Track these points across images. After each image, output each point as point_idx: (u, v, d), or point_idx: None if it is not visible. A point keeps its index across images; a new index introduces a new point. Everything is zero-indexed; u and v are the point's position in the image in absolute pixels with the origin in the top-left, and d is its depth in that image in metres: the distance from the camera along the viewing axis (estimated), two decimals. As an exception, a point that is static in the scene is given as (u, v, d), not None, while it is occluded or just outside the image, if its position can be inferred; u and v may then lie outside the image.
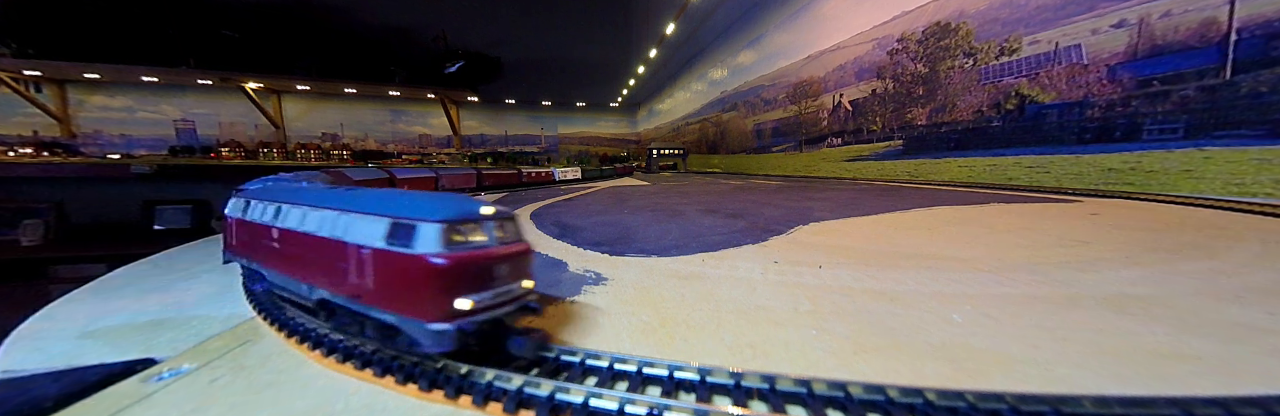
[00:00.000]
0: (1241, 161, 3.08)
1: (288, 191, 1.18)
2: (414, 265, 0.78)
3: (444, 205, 0.83)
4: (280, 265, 1.08)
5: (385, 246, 0.81)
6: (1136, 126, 3.64)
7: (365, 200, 0.92)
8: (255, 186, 1.47)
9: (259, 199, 1.22)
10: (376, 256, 0.83)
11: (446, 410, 0.79)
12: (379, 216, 0.85)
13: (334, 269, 0.91)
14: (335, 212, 0.93)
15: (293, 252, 1.03)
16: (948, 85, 5.39)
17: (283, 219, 1.07)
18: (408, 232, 0.79)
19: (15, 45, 10.03)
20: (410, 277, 0.79)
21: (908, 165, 5.97)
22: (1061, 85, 4.19)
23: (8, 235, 7.98)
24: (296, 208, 1.05)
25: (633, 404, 0.72)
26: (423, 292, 0.78)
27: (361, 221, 0.87)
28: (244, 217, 1.24)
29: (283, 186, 1.33)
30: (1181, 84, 3.38)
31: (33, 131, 11.64)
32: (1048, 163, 4.29)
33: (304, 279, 1.00)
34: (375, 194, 0.97)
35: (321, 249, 0.94)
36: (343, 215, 0.92)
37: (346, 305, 0.90)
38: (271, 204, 1.14)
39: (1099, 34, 3.90)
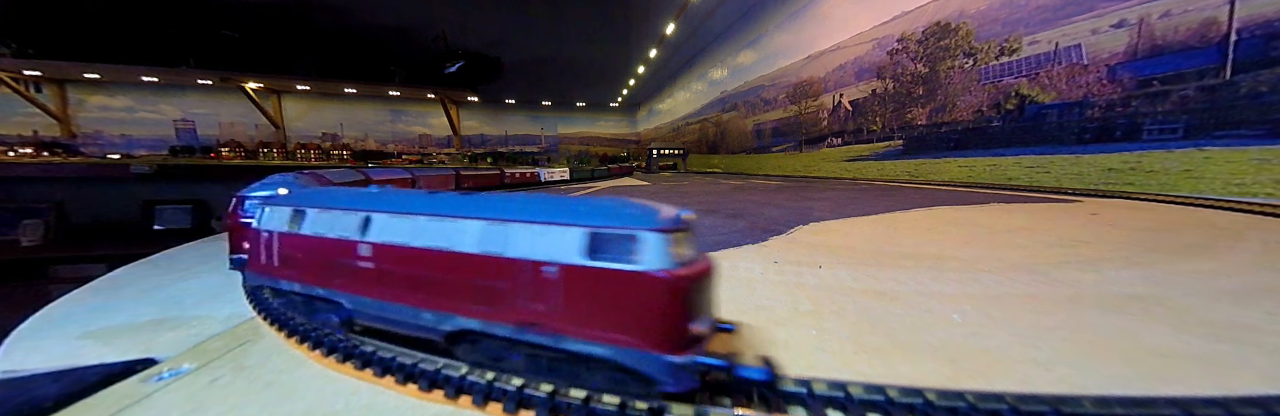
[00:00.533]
0: (1241, 161, 3.08)
1: (365, 197, 1.00)
2: (637, 284, 0.65)
3: (644, 211, 0.71)
4: (378, 290, 0.89)
5: (585, 262, 0.68)
6: (1136, 126, 3.64)
7: (529, 207, 0.78)
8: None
9: (321, 206, 1.02)
10: (570, 274, 0.69)
11: (446, 410, 0.79)
12: (566, 226, 0.70)
13: (489, 292, 0.76)
14: (484, 223, 0.77)
15: (404, 274, 0.85)
16: (948, 85, 5.39)
17: (380, 232, 0.89)
18: (622, 245, 0.67)
19: (15, 45, 10.04)
20: (632, 299, 0.66)
21: (908, 165, 5.97)
22: (1061, 85, 4.19)
23: (8, 235, 7.98)
24: (405, 218, 0.87)
25: (632, 405, 0.72)
26: (652, 317, 0.65)
27: (535, 232, 0.72)
28: (295, 231, 1.03)
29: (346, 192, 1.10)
30: (1181, 84, 3.38)
31: (33, 131, 11.64)
32: (1048, 163, 4.29)
33: (427, 305, 0.83)
34: (531, 199, 0.82)
35: (463, 268, 0.78)
36: (500, 225, 0.76)
37: (513, 336, 0.74)
38: (352, 213, 0.95)
39: (1099, 34, 3.90)
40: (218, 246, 2.32)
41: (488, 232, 0.77)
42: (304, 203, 1.07)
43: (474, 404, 0.78)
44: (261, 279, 1.15)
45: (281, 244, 1.07)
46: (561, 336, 0.71)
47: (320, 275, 0.98)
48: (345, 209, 0.98)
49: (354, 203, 1.00)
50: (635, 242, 0.66)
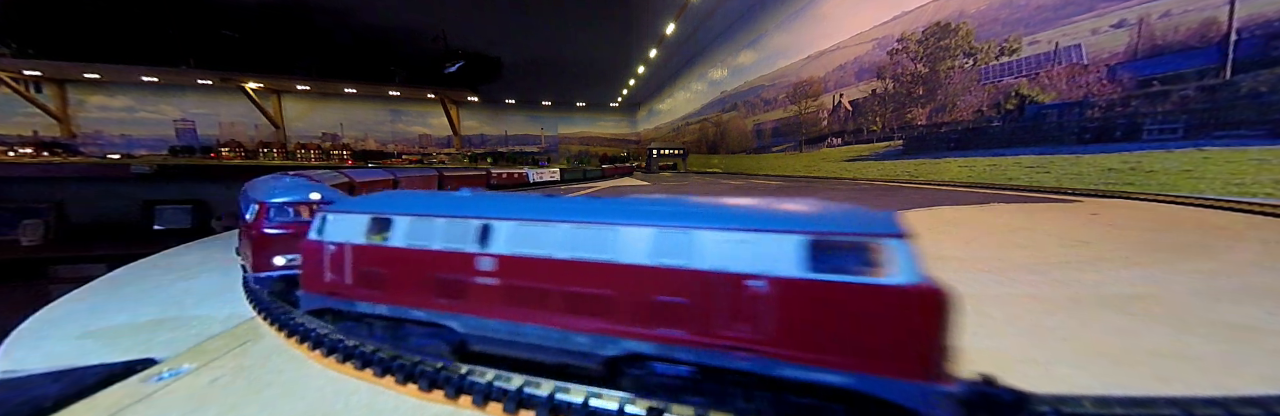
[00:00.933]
0: (1241, 161, 3.08)
1: (478, 202, 0.87)
2: (886, 300, 0.56)
3: (870, 215, 0.63)
4: (506, 309, 0.76)
5: (806, 275, 0.59)
6: (1136, 126, 3.64)
7: (718, 211, 0.68)
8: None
9: (417, 213, 0.87)
10: (788, 289, 0.59)
11: (446, 410, 0.79)
12: (775, 233, 0.61)
13: (668, 310, 0.65)
14: (656, 230, 0.67)
15: (545, 290, 0.73)
16: (948, 85, 5.39)
17: (507, 242, 0.76)
18: (856, 254, 0.58)
19: (15, 45, 10.04)
20: (881, 318, 0.56)
21: (908, 165, 5.97)
22: (1061, 85, 4.18)
23: (8, 235, 7.98)
24: (540, 225, 0.75)
25: (632, 404, 0.72)
26: (912, 339, 0.55)
27: (733, 240, 0.63)
28: (379, 243, 0.88)
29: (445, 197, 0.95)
30: (1181, 84, 3.38)
31: (33, 131, 11.64)
32: (1048, 163, 4.29)
33: (579, 327, 0.71)
34: (713, 202, 0.72)
35: (630, 282, 0.67)
36: (680, 233, 0.65)
37: (703, 362, 0.64)
38: (464, 220, 0.81)
39: (1099, 34, 3.90)
40: (218, 246, 2.32)
41: (664, 241, 0.66)
42: (387, 209, 0.91)
43: (474, 404, 0.78)
44: (327, 300, 0.95)
45: (358, 259, 0.90)
46: (774, 362, 0.60)
47: (420, 294, 0.83)
48: (453, 216, 0.84)
49: (463, 208, 0.85)
50: (875, 252, 0.57)
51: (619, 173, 10.04)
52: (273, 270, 1.16)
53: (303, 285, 1.00)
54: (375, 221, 0.91)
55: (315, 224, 0.97)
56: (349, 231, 0.93)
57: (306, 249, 0.98)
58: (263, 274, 1.16)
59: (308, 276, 0.98)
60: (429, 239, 0.84)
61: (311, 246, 0.97)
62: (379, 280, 0.89)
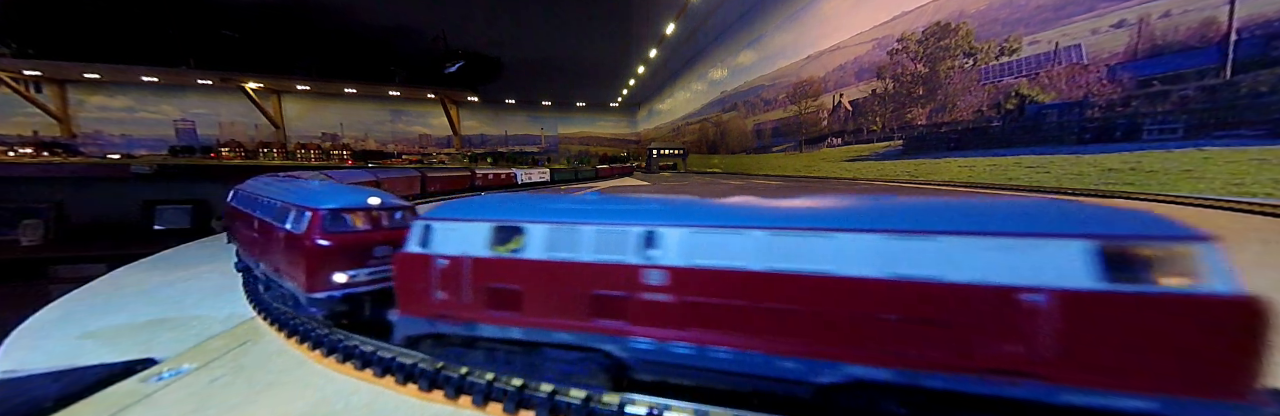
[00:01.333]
0: (1241, 161, 3.08)
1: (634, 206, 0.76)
2: (1200, 313, 0.49)
3: (1152, 217, 0.55)
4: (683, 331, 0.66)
5: (1099, 285, 0.51)
6: (1136, 126, 3.64)
7: (964, 213, 0.60)
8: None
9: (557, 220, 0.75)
10: (1076, 303, 0.51)
11: (446, 410, 0.79)
12: (1051, 238, 0.53)
13: (909, 330, 0.57)
14: (883, 237, 0.58)
15: (738, 308, 0.64)
16: (948, 85, 5.39)
17: (682, 252, 0.66)
18: (1161, 262, 0.51)
19: (15, 45, 10.04)
20: (1193, 334, 0.50)
21: (908, 165, 5.96)
22: (1061, 85, 4.18)
23: (8, 235, 7.98)
24: (723, 233, 0.65)
25: (632, 404, 0.72)
26: (1227, 357, 0.50)
27: (994, 248, 0.54)
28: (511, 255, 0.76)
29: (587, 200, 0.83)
30: (1181, 84, 3.38)
31: (33, 131, 11.64)
32: (1048, 163, 4.29)
33: (784, 350, 0.61)
34: (950, 203, 0.64)
35: (854, 298, 0.58)
36: (919, 240, 0.57)
37: (961, 389, 0.55)
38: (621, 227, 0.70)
39: (1099, 34, 3.90)
40: (218, 246, 2.32)
41: (896, 249, 0.57)
42: (512, 215, 0.80)
43: (474, 404, 0.78)
44: (437, 324, 0.82)
45: (482, 274, 0.77)
46: (1057, 387, 0.52)
47: (568, 314, 0.72)
48: (605, 222, 0.72)
49: (615, 213, 0.74)
50: (1182, 258, 0.50)
51: (618, 173, 9.96)
52: (333, 289, 0.99)
53: (400, 307, 0.85)
54: (500, 230, 0.78)
55: (416, 234, 0.84)
56: (465, 242, 0.79)
57: (405, 264, 0.84)
58: (321, 294, 0.98)
59: (407, 297, 0.84)
60: (575, 249, 0.72)
61: (412, 261, 0.83)
62: (511, 299, 0.76)
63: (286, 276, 1.09)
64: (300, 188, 1.27)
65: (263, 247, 1.26)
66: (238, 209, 1.58)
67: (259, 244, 1.29)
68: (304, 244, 1.01)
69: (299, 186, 1.32)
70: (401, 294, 0.85)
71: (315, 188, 1.24)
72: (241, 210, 1.53)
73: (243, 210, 1.50)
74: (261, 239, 1.26)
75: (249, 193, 1.53)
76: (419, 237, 0.84)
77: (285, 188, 1.33)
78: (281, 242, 1.10)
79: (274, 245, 1.15)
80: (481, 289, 0.78)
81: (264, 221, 1.24)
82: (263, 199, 1.33)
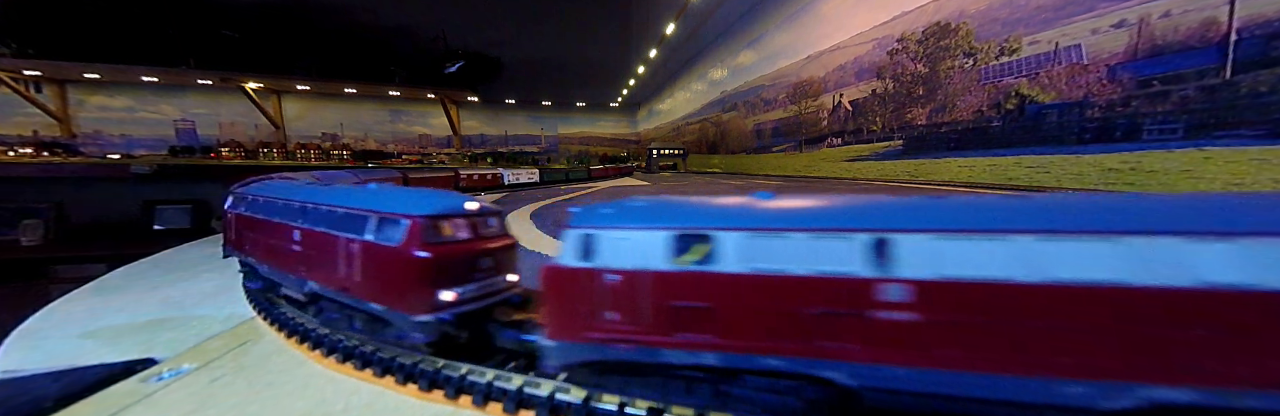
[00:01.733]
0: (1241, 161, 3.08)
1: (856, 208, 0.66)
2: None
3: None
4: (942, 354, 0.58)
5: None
6: (1136, 126, 3.64)
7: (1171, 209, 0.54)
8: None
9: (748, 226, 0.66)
10: None
11: (446, 410, 0.79)
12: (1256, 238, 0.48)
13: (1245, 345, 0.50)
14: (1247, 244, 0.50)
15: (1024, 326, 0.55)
16: (948, 85, 5.39)
17: (926, 262, 0.58)
18: None
19: (15, 45, 10.04)
20: None
21: (908, 165, 5.96)
22: (1061, 85, 4.18)
23: (8, 235, 7.97)
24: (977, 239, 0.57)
25: (632, 404, 0.72)
26: None
27: None
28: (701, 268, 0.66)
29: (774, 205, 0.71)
30: (1181, 84, 3.38)
31: (33, 131, 11.64)
32: (1048, 163, 4.29)
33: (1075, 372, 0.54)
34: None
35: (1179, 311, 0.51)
36: None
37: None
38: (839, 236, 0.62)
39: (1099, 34, 3.90)
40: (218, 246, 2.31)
41: (1200, 254, 0.49)
42: (695, 221, 0.68)
43: (474, 404, 0.78)
44: (604, 351, 0.70)
45: (665, 291, 0.67)
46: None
47: (778, 336, 0.64)
48: (818, 228, 0.63)
49: (829, 217, 0.64)
50: None
51: (617, 173, 9.79)
52: (441, 309, 0.86)
53: (552, 331, 0.73)
54: (682, 239, 0.68)
55: (573, 245, 0.72)
56: (641, 254, 0.68)
57: (561, 281, 0.72)
58: (428, 316, 0.84)
59: (564, 319, 0.73)
60: (783, 260, 0.63)
61: (571, 277, 0.71)
62: (703, 319, 0.66)
63: (368, 297, 0.93)
64: (361, 191, 1.09)
65: (316, 263, 1.06)
66: (255, 218, 1.32)
67: (308, 259, 1.08)
68: (403, 258, 0.86)
69: (354, 189, 1.15)
70: (555, 315, 0.73)
71: (381, 191, 1.07)
72: (263, 219, 1.27)
73: (267, 219, 1.25)
74: (313, 253, 1.06)
75: (270, 199, 1.30)
76: (579, 249, 0.72)
77: (336, 192, 1.14)
78: (358, 257, 0.94)
79: (342, 261, 0.97)
80: (665, 308, 0.68)
81: (318, 232, 1.05)
82: (307, 205, 1.13)
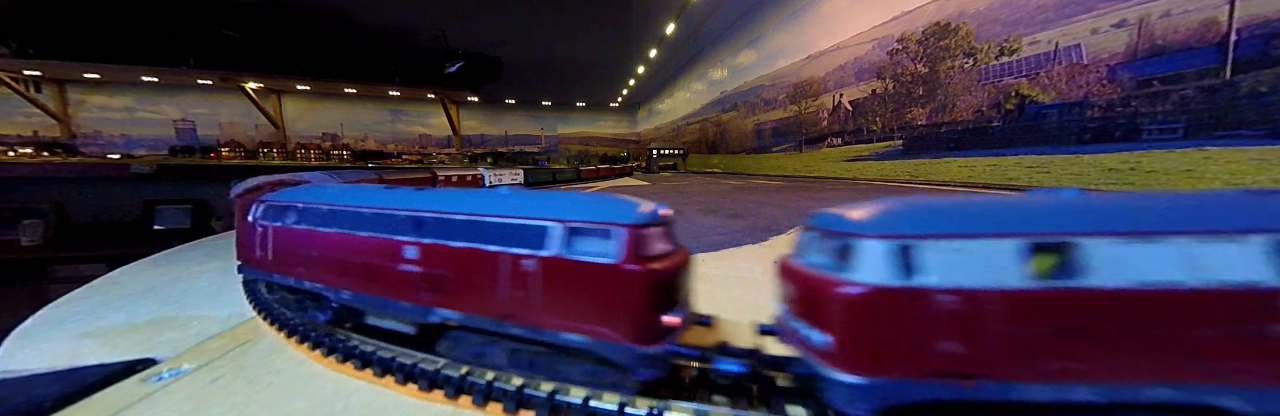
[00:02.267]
0: (1242, 161, 3.08)
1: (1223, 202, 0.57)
2: None
3: None
4: None
5: None
6: (1136, 126, 3.64)
7: None
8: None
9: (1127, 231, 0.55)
10: None
11: (446, 410, 0.79)
12: None
13: None
14: None
15: None
16: (948, 85, 5.39)
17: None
18: None
19: (15, 45, 10.03)
20: None
21: (908, 165, 5.96)
22: (1061, 85, 4.18)
23: (8, 235, 7.97)
24: None
25: (632, 404, 0.72)
26: None
27: None
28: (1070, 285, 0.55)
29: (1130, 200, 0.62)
30: (1181, 84, 3.38)
31: (33, 131, 11.64)
32: (1048, 163, 4.29)
33: None
34: None
35: None
36: None
37: None
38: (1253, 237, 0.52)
39: (1099, 34, 3.90)
40: (218, 246, 2.31)
41: None
42: (1052, 225, 0.57)
43: (474, 404, 0.78)
44: (942, 388, 0.57)
45: (1028, 315, 0.55)
46: None
47: (1165, 362, 0.53)
48: (1198, 232, 0.53)
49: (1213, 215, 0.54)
50: None
51: (611, 174, 9.40)
52: (665, 339, 0.73)
53: (851, 365, 0.59)
54: (1040, 249, 0.55)
55: (882, 259, 0.58)
56: (985, 269, 0.56)
57: (873, 304, 0.58)
58: (656, 348, 0.71)
59: (879, 350, 0.58)
60: (1163, 270, 0.52)
61: (886, 299, 0.57)
62: (1073, 346, 0.54)
63: (562, 327, 0.76)
64: (495, 196, 0.90)
65: (451, 286, 0.87)
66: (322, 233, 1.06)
67: (435, 281, 0.88)
68: (618, 276, 0.72)
69: (482, 194, 0.94)
70: (863, 346, 0.59)
71: (528, 195, 0.90)
72: (339, 234, 1.02)
73: (346, 234, 1.01)
74: (447, 274, 0.87)
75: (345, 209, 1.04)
76: (893, 263, 0.57)
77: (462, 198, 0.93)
78: (537, 277, 0.78)
79: (508, 282, 0.80)
80: (1024, 335, 0.55)
81: (457, 249, 0.86)
82: (424, 215, 0.91)
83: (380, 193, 1.06)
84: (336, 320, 1.08)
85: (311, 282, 1.09)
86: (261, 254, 1.21)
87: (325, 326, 1.08)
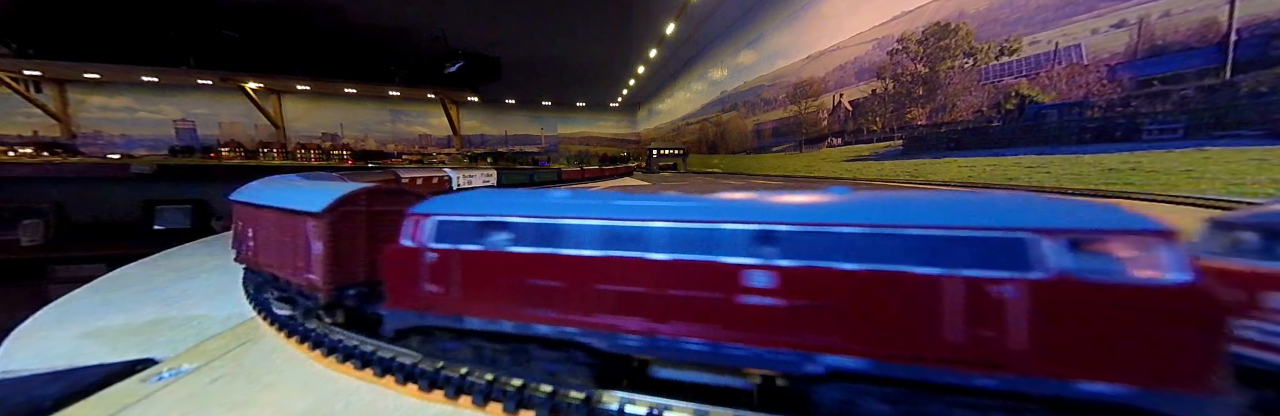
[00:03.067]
0: (1242, 162, 3.08)
1: None
2: None
3: None
4: None
5: None
6: (1136, 126, 3.64)
7: None
8: None
9: None
10: None
11: (446, 410, 0.79)
12: None
13: None
14: None
15: None
16: (948, 85, 5.39)
17: None
18: None
19: (15, 45, 10.03)
20: None
21: (908, 165, 5.96)
22: (1061, 85, 4.18)
23: (8, 235, 7.97)
24: None
25: (632, 404, 0.72)
26: None
27: None
28: None
29: None
30: (1181, 84, 3.38)
31: (33, 131, 11.64)
32: (1048, 163, 4.29)
33: None
34: None
35: None
36: None
37: None
38: None
39: (1099, 34, 3.90)
40: (218, 246, 2.31)
41: None
42: None
43: (474, 404, 0.78)
44: None
45: None
46: None
47: None
48: None
49: None
50: None
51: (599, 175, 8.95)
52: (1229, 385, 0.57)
53: None
54: None
55: None
56: None
57: None
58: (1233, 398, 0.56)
59: None
60: None
61: None
62: None
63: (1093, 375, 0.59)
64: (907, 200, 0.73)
65: (845, 325, 0.67)
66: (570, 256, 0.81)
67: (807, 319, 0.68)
68: (1196, 302, 0.56)
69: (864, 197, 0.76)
70: None
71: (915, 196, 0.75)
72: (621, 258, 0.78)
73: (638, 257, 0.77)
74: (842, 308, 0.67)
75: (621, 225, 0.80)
76: None
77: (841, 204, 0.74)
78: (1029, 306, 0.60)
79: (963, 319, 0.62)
80: None
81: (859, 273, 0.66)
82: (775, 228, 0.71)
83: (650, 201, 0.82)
84: (604, 376, 0.80)
85: (555, 325, 0.81)
86: (440, 289, 0.89)
87: None
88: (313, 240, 1.03)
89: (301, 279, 1.08)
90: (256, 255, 1.30)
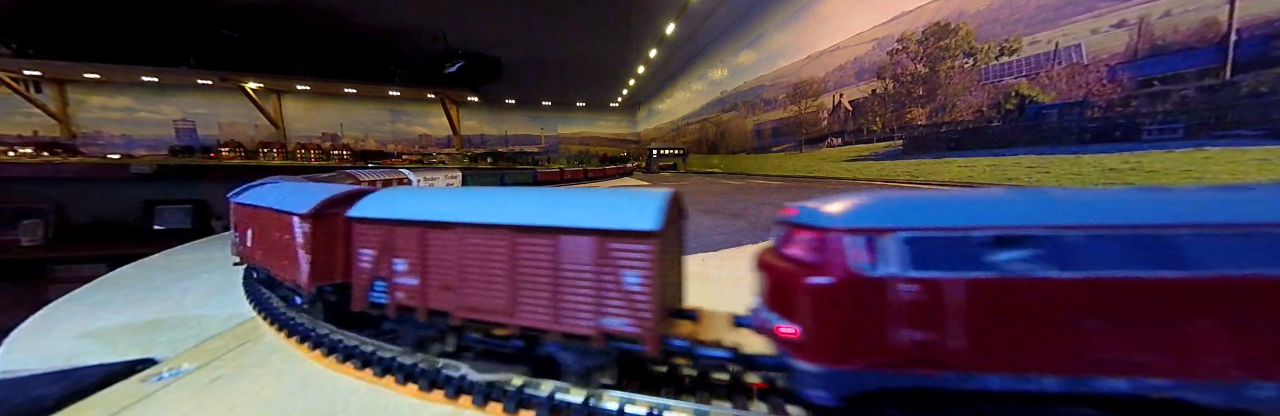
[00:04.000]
0: (1242, 161, 3.08)
1: None
2: None
3: None
4: None
5: None
6: (1136, 126, 3.64)
7: None
8: None
9: None
10: None
11: (446, 410, 0.79)
12: None
13: None
14: None
15: None
16: (948, 85, 5.39)
17: None
18: None
19: (15, 45, 10.03)
20: None
21: (908, 165, 5.96)
22: (1061, 85, 4.18)
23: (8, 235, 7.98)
24: None
25: (632, 404, 0.72)
26: None
27: None
28: None
29: None
30: (1181, 84, 3.38)
31: (33, 131, 11.64)
32: (1048, 163, 4.29)
33: None
34: None
35: None
36: None
37: None
38: None
39: (1099, 34, 3.90)
40: (218, 246, 2.31)
41: None
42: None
43: (474, 404, 0.78)
44: None
45: None
46: None
47: None
48: None
49: None
50: None
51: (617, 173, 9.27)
52: None
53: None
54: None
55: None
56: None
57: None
58: None
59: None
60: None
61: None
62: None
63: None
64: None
65: None
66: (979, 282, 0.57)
67: None
68: None
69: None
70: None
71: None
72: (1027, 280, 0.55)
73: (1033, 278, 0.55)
74: None
75: None
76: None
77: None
78: None
79: None
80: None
81: None
82: None
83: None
84: None
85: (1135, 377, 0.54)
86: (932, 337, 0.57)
87: None
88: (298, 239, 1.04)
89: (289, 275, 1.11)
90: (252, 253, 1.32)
